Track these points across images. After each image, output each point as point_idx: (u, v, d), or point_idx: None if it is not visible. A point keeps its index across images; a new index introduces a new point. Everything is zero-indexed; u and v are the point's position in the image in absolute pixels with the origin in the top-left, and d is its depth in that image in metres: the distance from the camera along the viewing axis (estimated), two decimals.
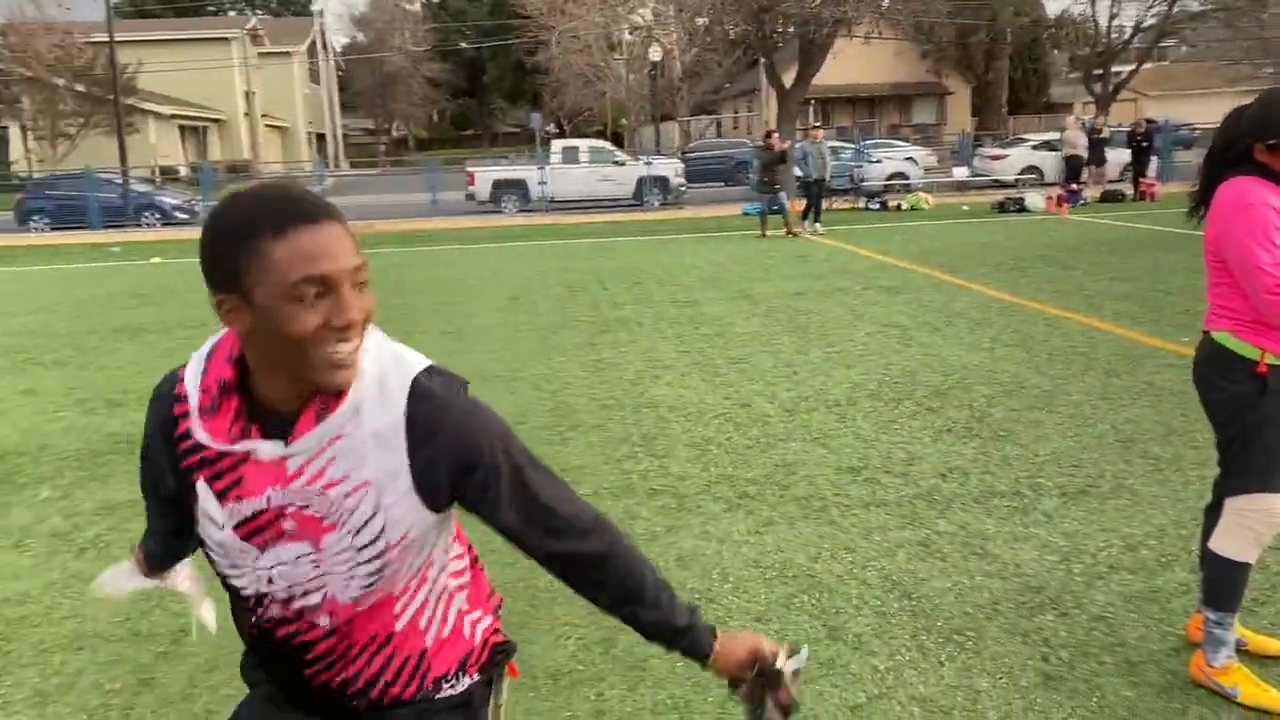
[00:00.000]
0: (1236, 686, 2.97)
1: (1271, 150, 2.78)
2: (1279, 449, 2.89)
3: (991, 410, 6.12)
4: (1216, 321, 2.95)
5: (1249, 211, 2.76)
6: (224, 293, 1.30)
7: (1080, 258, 12.94)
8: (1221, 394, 2.94)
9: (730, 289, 11.51)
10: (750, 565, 4.06)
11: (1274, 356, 2.82)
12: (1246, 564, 2.97)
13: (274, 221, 1.27)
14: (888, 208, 22.32)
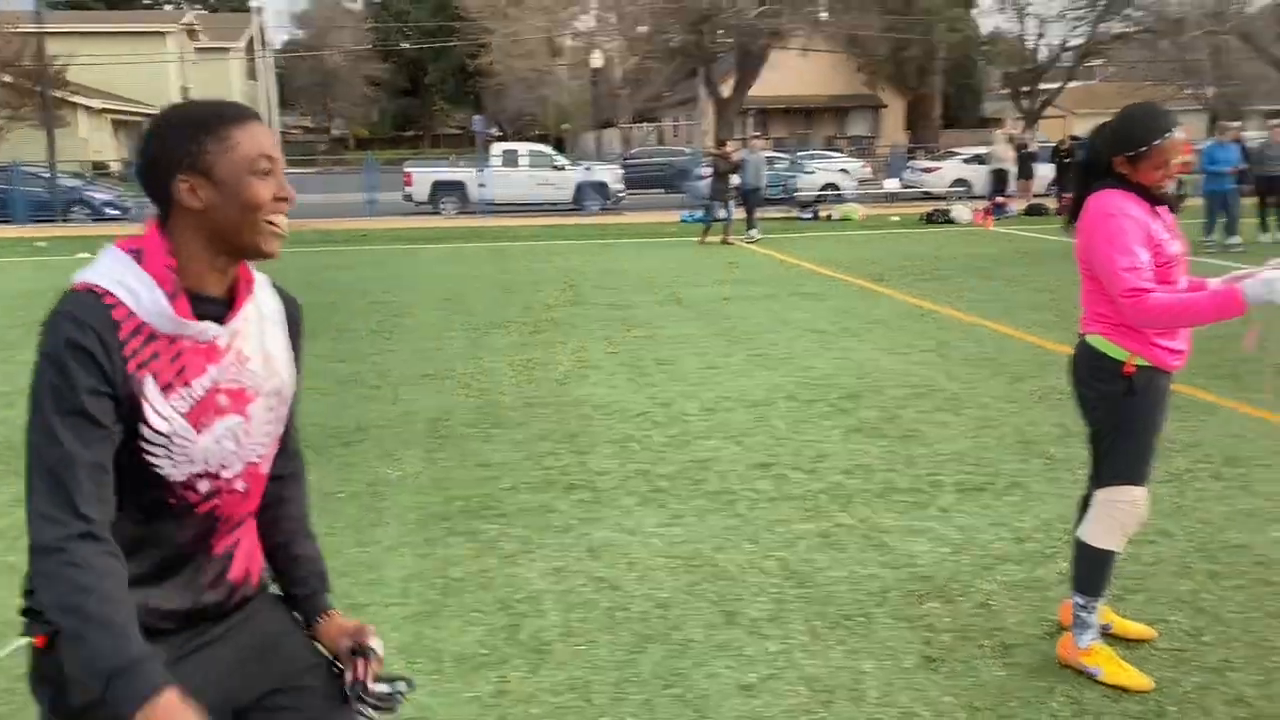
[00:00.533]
0: (1099, 667, 3.18)
1: (1130, 162, 3.00)
2: (1144, 445, 3.10)
3: (901, 412, 6.35)
4: (1089, 325, 3.16)
5: (1109, 221, 2.97)
6: (185, 174, 1.54)
7: (1000, 268, 13.35)
8: (1093, 393, 3.15)
9: (663, 293, 11.69)
10: (658, 555, 4.21)
11: (1141, 358, 3.04)
12: (1111, 552, 3.18)
13: (232, 115, 1.58)
14: (820, 217, 22.71)
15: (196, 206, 1.55)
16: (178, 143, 1.55)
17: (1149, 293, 2.89)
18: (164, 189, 1.56)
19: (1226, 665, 3.24)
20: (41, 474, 1.46)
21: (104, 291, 1.51)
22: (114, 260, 1.54)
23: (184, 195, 1.55)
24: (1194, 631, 3.47)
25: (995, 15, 39.50)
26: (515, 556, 4.20)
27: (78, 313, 1.48)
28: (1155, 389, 3.07)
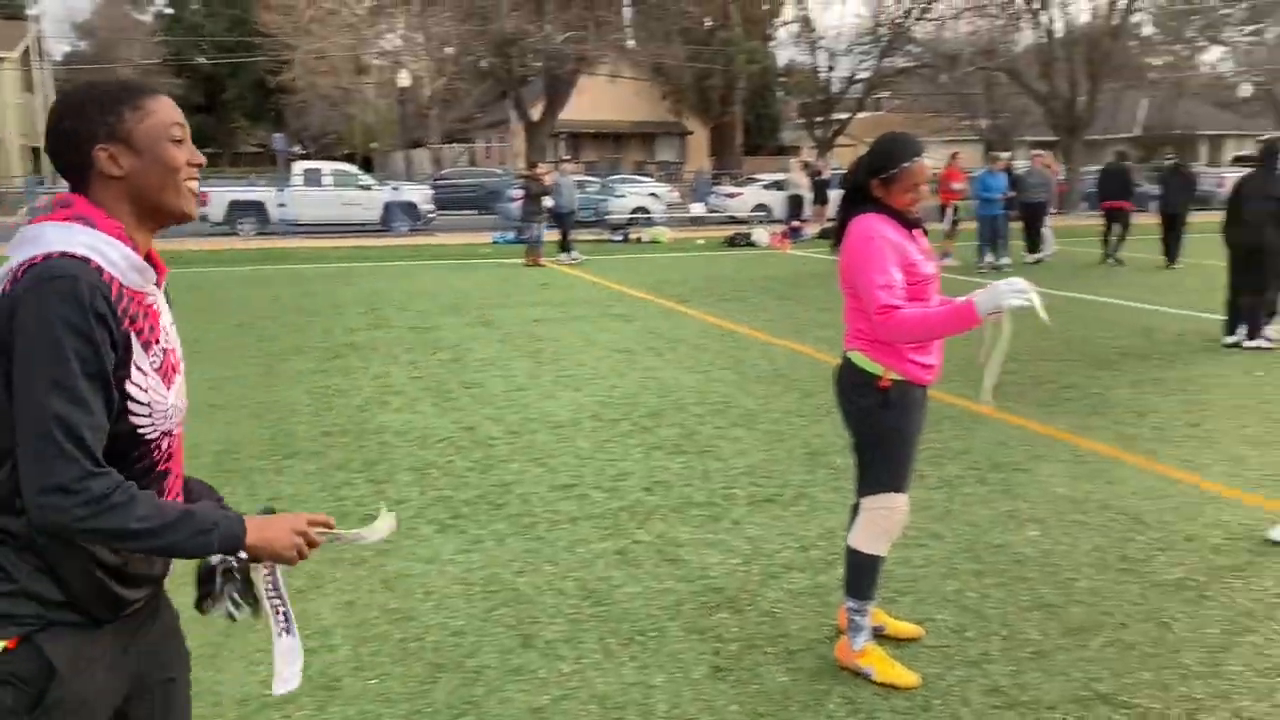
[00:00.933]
0: (872, 666, 3.37)
1: (884, 184, 3.23)
2: (901, 454, 3.33)
3: (700, 428, 6.54)
4: (850, 342, 3.36)
5: (868, 243, 3.19)
6: (105, 143, 1.62)
7: (794, 289, 13.95)
8: (854, 406, 3.35)
9: (471, 315, 11.60)
10: (455, 582, 4.17)
11: (895, 373, 3.25)
12: (879, 556, 3.38)
13: (145, 89, 1.69)
14: (630, 240, 23.10)
15: (117, 174, 1.64)
16: (95, 114, 1.63)
17: (899, 309, 3.11)
18: (83, 159, 1.63)
19: (985, 658, 3.50)
20: (67, 437, 1.48)
21: (85, 258, 1.56)
22: (75, 229, 1.58)
23: (105, 163, 1.63)
24: (958, 628, 3.72)
25: (790, 48, 41.27)
26: (305, 592, 4.07)
27: (88, 279, 1.53)
28: (909, 401, 3.29)
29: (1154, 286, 13.62)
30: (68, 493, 1.48)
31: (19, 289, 1.52)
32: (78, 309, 1.51)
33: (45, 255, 1.54)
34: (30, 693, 1.57)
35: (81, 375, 1.51)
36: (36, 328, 1.50)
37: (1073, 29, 33.44)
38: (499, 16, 23.61)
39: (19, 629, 1.56)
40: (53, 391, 1.49)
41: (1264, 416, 6.71)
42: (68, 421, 1.49)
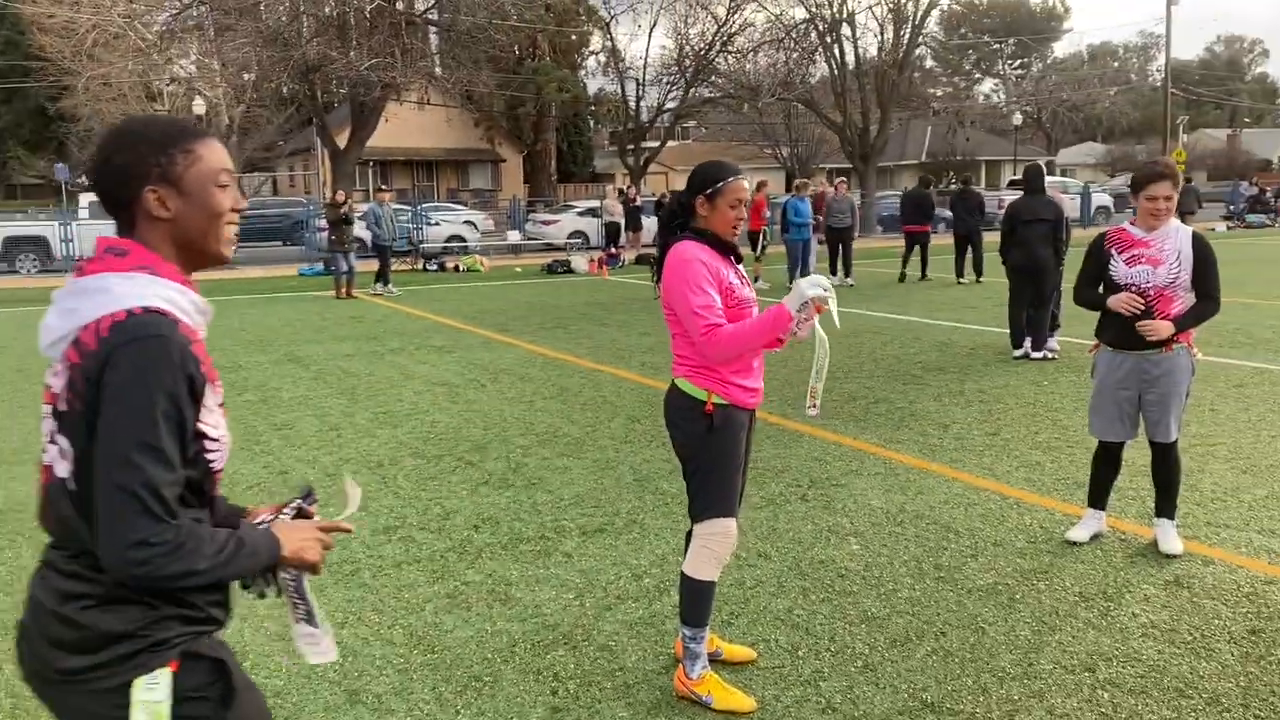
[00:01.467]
0: (710, 694, 3.37)
1: (709, 200, 3.28)
2: (728, 478, 3.35)
3: (527, 460, 6.45)
4: (677, 368, 3.38)
5: (685, 266, 3.22)
6: (157, 185, 1.67)
7: (615, 315, 14.07)
8: (681, 432, 3.36)
9: (279, 352, 11.11)
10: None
11: (718, 397, 3.29)
12: (711, 582, 3.39)
13: (195, 132, 1.73)
14: (446, 269, 22.76)
15: (165, 216, 1.68)
16: (148, 154, 1.66)
17: (721, 327, 3.16)
18: (131, 198, 1.67)
19: (818, 675, 3.56)
20: (152, 496, 1.55)
21: (167, 312, 1.61)
22: (141, 280, 1.62)
23: (153, 205, 1.67)
24: (790, 647, 3.78)
25: (600, 77, 41.91)
26: None
27: (175, 338, 1.59)
28: (734, 425, 3.32)
29: (948, 303, 14.46)
30: (149, 546, 1.55)
31: (108, 346, 1.57)
32: (169, 371, 1.58)
33: (127, 312, 1.59)
34: (215, 697, 1.72)
35: (167, 434, 1.58)
36: (129, 389, 1.56)
37: (863, 62, 35.35)
38: (301, 43, 22.86)
39: (174, 651, 1.67)
40: (140, 451, 1.56)
41: (1053, 424, 7.19)
42: (153, 482, 1.56)
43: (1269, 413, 7.31)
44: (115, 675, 1.63)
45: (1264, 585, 4.25)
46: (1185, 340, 4.55)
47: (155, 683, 1.64)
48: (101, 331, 1.59)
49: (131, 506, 1.54)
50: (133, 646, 1.64)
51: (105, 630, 1.63)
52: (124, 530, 1.54)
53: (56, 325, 1.66)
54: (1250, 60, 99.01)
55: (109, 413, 1.57)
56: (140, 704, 1.63)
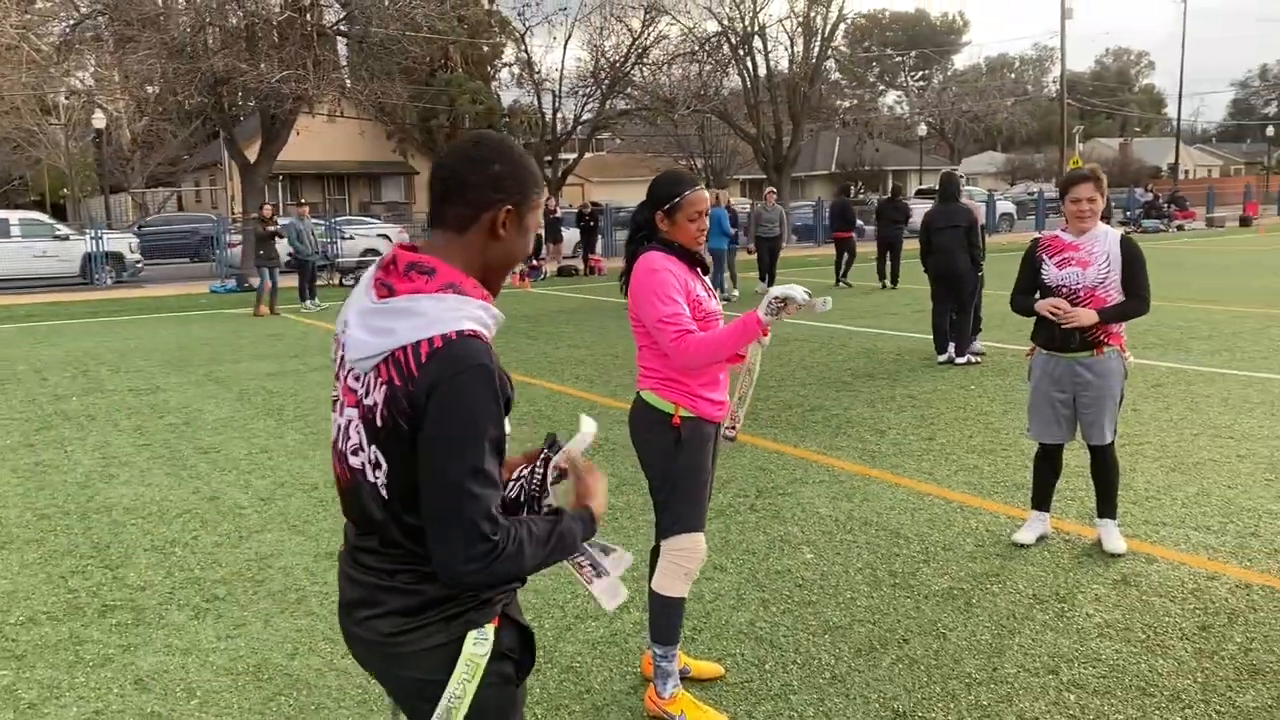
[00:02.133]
0: (683, 712, 3.32)
1: (668, 215, 3.25)
2: (696, 492, 3.31)
3: None
4: (643, 381, 3.35)
5: (651, 276, 3.19)
6: (515, 208, 1.80)
7: (543, 327, 13.96)
8: (648, 445, 3.32)
9: (198, 372, 10.75)
10: (221, 674, 3.77)
11: (685, 410, 3.25)
12: (681, 599, 3.35)
13: (542, 181, 1.87)
14: None
15: (500, 237, 1.79)
16: (526, 178, 1.80)
17: (691, 334, 3.14)
18: (484, 206, 1.77)
19: (788, 689, 3.54)
20: (483, 516, 1.65)
21: (479, 334, 1.71)
22: (451, 301, 1.71)
23: (500, 222, 1.78)
24: (757, 661, 3.76)
25: (515, 89, 41.60)
26: (39, 705, 3.54)
27: (494, 363, 1.69)
28: (702, 438, 3.29)
29: (869, 310, 14.70)
30: (480, 561, 1.66)
31: (433, 374, 1.65)
32: (492, 397, 1.67)
33: (444, 338, 1.67)
34: (519, 660, 1.86)
35: (489, 456, 1.67)
36: (458, 418, 1.65)
37: (774, 75, 35.84)
38: (207, 55, 22.23)
39: (497, 608, 1.82)
40: (471, 476, 1.65)
41: (986, 427, 7.33)
42: (484, 503, 1.66)
43: (1188, 411, 7.57)
44: (443, 633, 1.77)
45: (1207, 581, 4.37)
46: (1117, 343, 4.67)
47: (484, 638, 1.79)
48: (422, 358, 1.67)
49: (467, 532, 1.65)
50: (461, 607, 1.78)
51: (434, 595, 1.76)
52: (459, 552, 1.66)
53: (371, 342, 1.73)
54: (1138, 72, 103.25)
55: (440, 441, 1.66)
56: (467, 656, 1.76)
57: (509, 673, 1.83)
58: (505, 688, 1.83)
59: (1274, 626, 3.90)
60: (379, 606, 1.79)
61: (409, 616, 1.77)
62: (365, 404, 1.74)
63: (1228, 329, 11.68)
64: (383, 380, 1.70)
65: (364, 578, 1.82)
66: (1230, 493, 5.59)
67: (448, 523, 1.66)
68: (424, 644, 1.76)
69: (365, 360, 1.73)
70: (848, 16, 39.13)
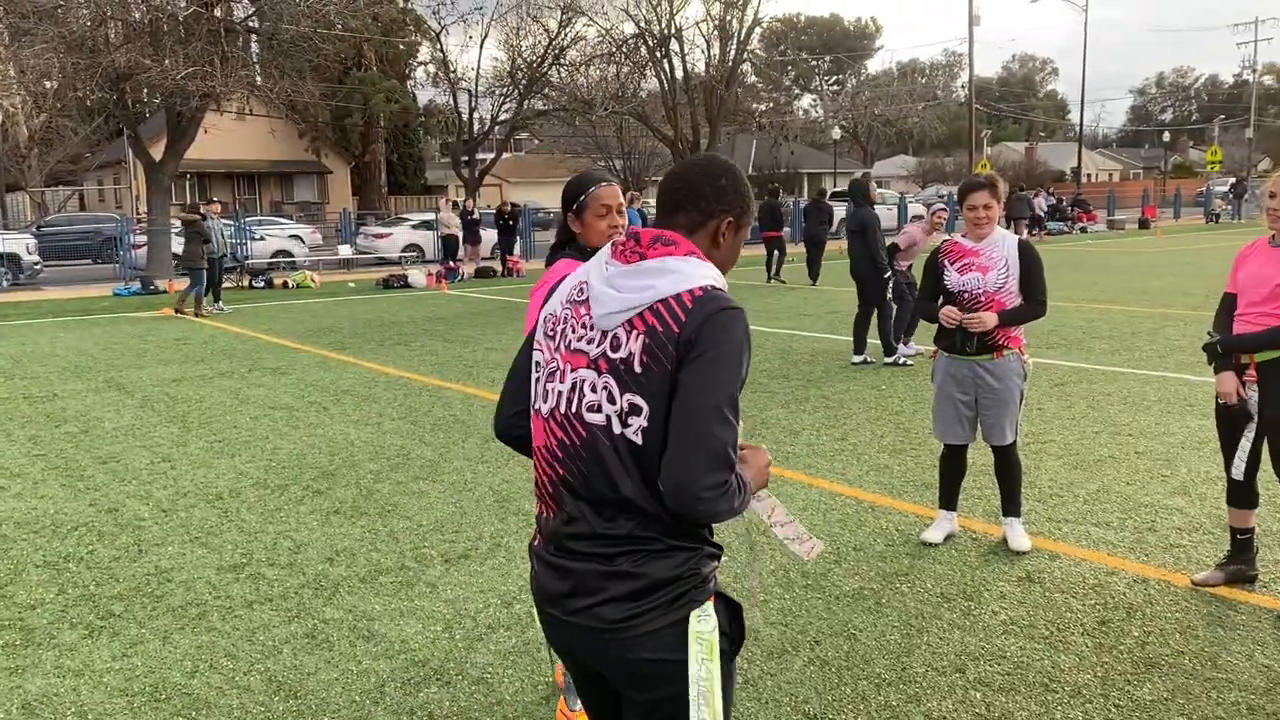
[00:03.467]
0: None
1: (577, 215, 3.19)
2: None
3: (379, 486, 6.21)
4: None
5: (542, 291, 3.07)
6: (736, 220, 2.00)
7: (459, 330, 13.80)
8: None
9: (98, 379, 10.36)
10: (115, 695, 3.62)
11: None
12: None
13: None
14: (274, 285, 21.85)
15: (721, 242, 1.99)
16: (744, 196, 2.01)
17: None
18: (713, 214, 1.98)
19: None
20: (732, 446, 1.78)
21: (724, 288, 1.93)
22: (697, 263, 1.90)
23: (722, 231, 1.99)
24: None
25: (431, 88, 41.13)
26: None
27: (743, 312, 1.88)
28: None
29: (785, 311, 14.85)
30: (718, 489, 1.74)
31: (702, 310, 1.82)
32: (748, 340, 1.84)
33: (703, 287, 1.85)
34: (735, 635, 1.94)
35: (739, 388, 1.81)
36: (725, 350, 1.79)
37: (691, 77, 36.04)
38: (108, 50, 21.48)
39: (712, 584, 1.90)
40: (729, 407, 1.77)
41: (896, 427, 7.45)
42: (732, 434, 1.77)
43: (1089, 410, 7.80)
44: (667, 614, 1.82)
45: (1107, 577, 4.49)
46: (1016, 346, 4.77)
47: (706, 614, 1.84)
48: (688, 303, 1.82)
49: (717, 458, 1.74)
50: (682, 588, 1.84)
51: (657, 577, 1.82)
52: (704, 476, 1.73)
53: (625, 298, 1.86)
54: (1043, 78, 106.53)
55: (708, 370, 1.78)
56: (696, 635, 1.82)
57: (725, 648, 1.90)
58: (725, 664, 1.89)
59: (1169, 620, 4.03)
60: (600, 594, 1.85)
61: (635, 601, 1.82)
62: (614, 357, 1.85)
63: (1127, 329, 12.08)
64: (640, 330, 1.84)
65: (577, 565, 1.89)
66: (1129, 489, 5.77)
67: (699, 444, 1.74)
68: (652, 626, 1.82)
69: (618, 314, 1.86)
70: (763, 20, 39.54)
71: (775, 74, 57.23)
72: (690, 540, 1.87)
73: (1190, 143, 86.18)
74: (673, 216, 1.98)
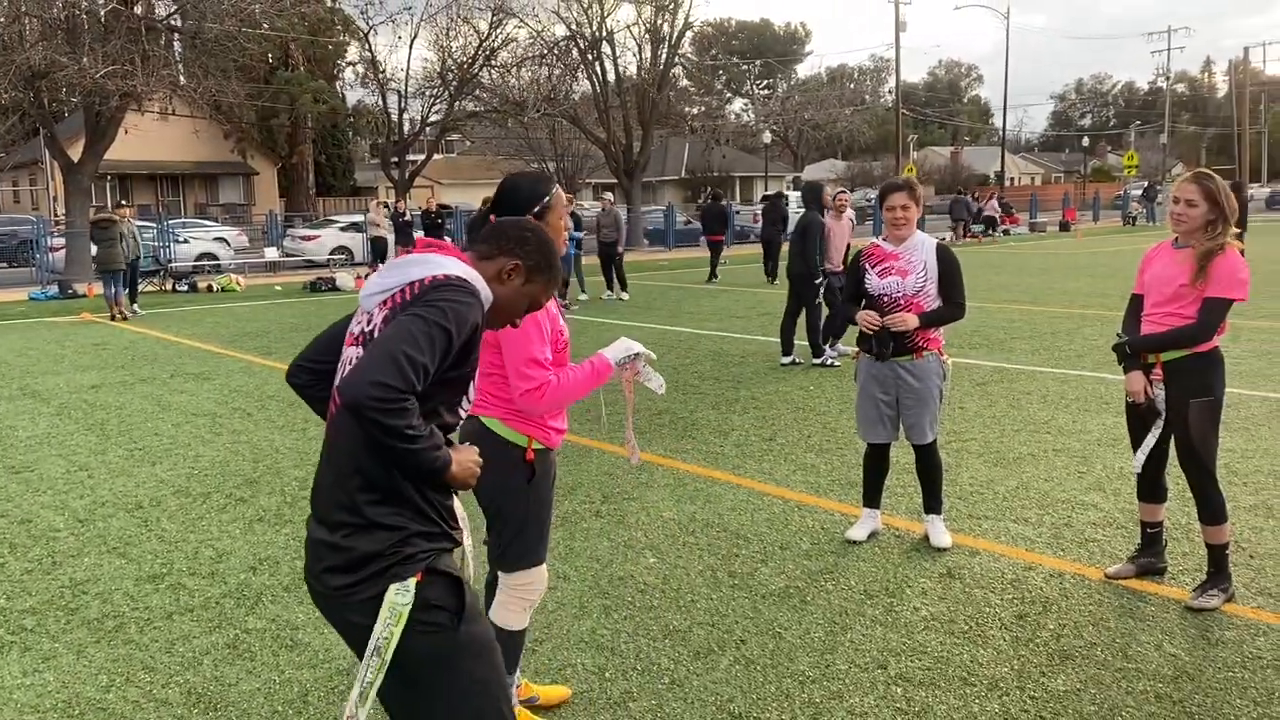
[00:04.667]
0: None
1: (539, 219, 3.01)
2: (545, 526, 3.17)
3: (304, 493, 6.12)
4: (488, 408, 3.08)
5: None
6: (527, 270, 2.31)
7: None
8: (493, 481, 3.05)
9: (12, 386, 10.05)
10: (26, 712, 3.52)
11: (538, 442, 3.09)
12: (524, 630, 3.24)
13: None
14: (198, 289, 21.39)
15: (506, 284, 2.28)
16: (545, 260, 2.32)
17: (550, 384, 2.95)
18: (505, 257, 2.27)
19: (627, 696, 3.55)
20: (405, 360, 1.93)
21: (477, 289, 2.16)
22: (467, 268, 2.19)
23: (508, 271, 2.28)
24: (598, 669, 3.75)
25: (360, 88, 40.60)
26: None
27: (480, 305, 2.11)
28: (550, 469, 3.17)
29: (715, 314, 14.96)
30: (385, 389, 1.89)
31: (432, 287, 2.08)
32: (467, 315, 2.07)
33: (448, 275, 2.12)
34: (453, 609, 2.09)
35: (438, 348, 1.99)
36: (435, 308, 2.03)
37: (624, 80, 36.12)
38: (23, 47, 20.84)
39: (419, 564, 2.05)
40: (423, 340, 1.97)
41: (823, 427, 7.55)
42: (416, 358, 1.94)
43: (1010, 408, 7.99)
44: (376, 585, 2.02)
45: (1025, 571, 4.61)
46: (935, 347, 4.87)
47: (406, 589, 2.02)
48: (426, 283, 2.07)
49: (395, 364, 1.90)
50: (386, 563, 2.02)
51: (365, 551, 2.03)
52: (373, 371, 1.89)
53: (384, 283, 2.11)
54: (967, 84, 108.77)
55: (411, 320, 1.98)
56: (390, 604, 2.01)
57: (442, 622, 2.06)
58: (442, 634, 2.06)
59: (1083, 613, 4.15)
60: (324, 562, 2.07)
61: (349, 572, 2.03)
62: (366, 330, 2.11)
63: (1046, 329, 12.40)
64: (387, 308, 2.08)
65: (314, 534, 2.12)
66: (1046, 486, 5.92)
67: (381, 351, 1.92)
68: (362, 595, 2.03)
69: (376, 295, 2.11)
70: (694, 24, 39.81)
71: (707, 78, 57.59)
72: (396, 520, 2.04)
73: (1108, 147, 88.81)
74: (474, 242, 2.27)
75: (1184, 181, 4.21)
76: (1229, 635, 3.90)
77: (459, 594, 2.11)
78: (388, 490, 2.06)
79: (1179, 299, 4.12)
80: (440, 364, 2.01)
